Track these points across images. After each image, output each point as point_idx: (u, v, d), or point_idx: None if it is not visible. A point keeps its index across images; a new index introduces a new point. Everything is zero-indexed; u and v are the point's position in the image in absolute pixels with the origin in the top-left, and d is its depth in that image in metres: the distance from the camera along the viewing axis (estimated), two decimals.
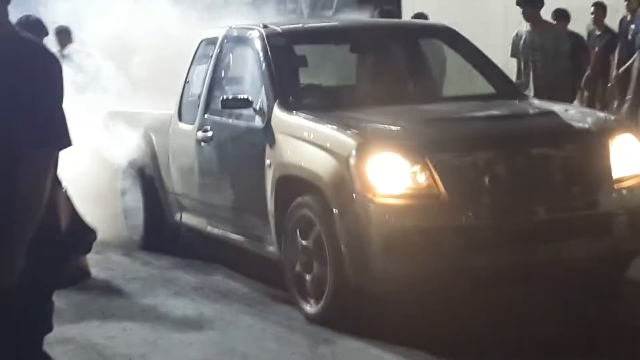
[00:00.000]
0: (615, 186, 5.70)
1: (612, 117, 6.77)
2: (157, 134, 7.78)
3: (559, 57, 9.28)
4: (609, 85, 11.48)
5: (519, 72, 9.19)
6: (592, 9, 11.64)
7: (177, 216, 7.60)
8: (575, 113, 6.41)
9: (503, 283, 5.79)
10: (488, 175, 5.48)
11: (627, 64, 11.09)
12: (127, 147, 8.03)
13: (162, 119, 7.75)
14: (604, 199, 5.67)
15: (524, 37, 9.38)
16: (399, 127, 5.76)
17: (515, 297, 5.92)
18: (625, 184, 5.75)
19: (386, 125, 5.82)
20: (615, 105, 11.37)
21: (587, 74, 11.66)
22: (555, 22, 11.62)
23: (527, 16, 9.46)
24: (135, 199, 8.04)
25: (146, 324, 5.76)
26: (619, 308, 5.88)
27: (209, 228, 7.16)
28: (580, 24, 11.81)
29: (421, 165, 5.42)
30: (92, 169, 7.90)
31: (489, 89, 6.93)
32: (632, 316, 5.77)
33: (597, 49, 11.66)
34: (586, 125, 5.93)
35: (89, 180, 7.51)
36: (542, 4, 9.62)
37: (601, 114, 6.86)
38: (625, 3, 11.17)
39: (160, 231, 7.80)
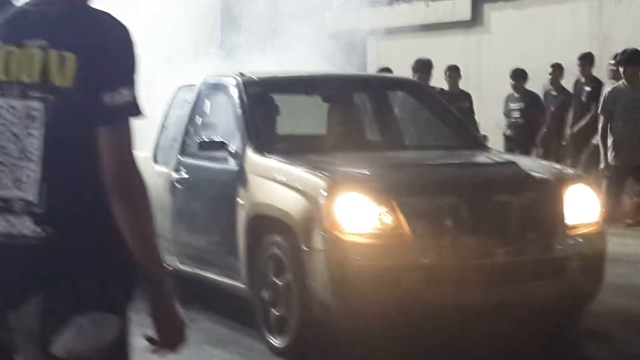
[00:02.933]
0: (569, 232, 5.94)
1: (568, 169, 7.04)
2: None
3: None
4: (563, 143, 11.83)
5: (605, 129, 9.21)
6: (550, 69, 11.99)
7: None
8: (533, 164, 6.68)
9: (464, 321, 5.97)
10: (451, 219, 5.69)
11: (581, 124, 11.46)
12: None
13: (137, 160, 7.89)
14: (558, 244, 5.90)
15: (621, 94, 9.29)
16: (367, 171, 5.97)
17: (474, 335, 6.12)
18: (579, 231, 6.00)
19: (355, 169, 6.03)
20: (569, 163, 11.71)
21: (542, 132, 12.00)
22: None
23: (628, 75, 9.43)
24: None
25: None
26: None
27: (179, 265, 7.30)
28: (538, 83, 12.19)
29: (388, 206, 5.62)
30: None
31: (452, 139, 7.19)
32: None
33: (552, 108, 12.00)
34: (543, 175, 6.18)
35: None
36: None
37: (558, 166, 7.14)
38: (579, 67, 11.56)
39: None
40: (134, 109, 2.51)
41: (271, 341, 5.99)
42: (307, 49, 12.73)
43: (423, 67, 10.87)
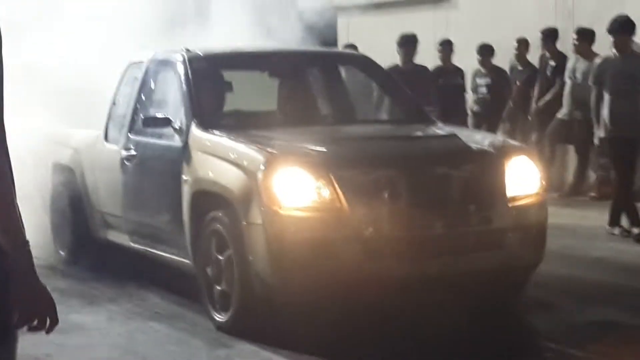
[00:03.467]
0: (509, 204, 5.93)
1: (510, 140, 7.04)
2: (84, 152, 7.92)
3: None
4: (529, 118, 11.82)
5: (597, 101, 8.68)
6: (515, 44, 11.97)
7: (103, 233, 7.73)
8: (475, 136, 6.66)
9: (403, 293, 5.98)
10: (388, 192, 5.67)
11: (546, 99, 11.45)
12: (56, 164, 8.18)
13: (89, 138, 7.89)
14: (498, 216, 5.89)
15: (611, 66, 8.75)
16: (306, 145, 5.95)
17: (411, 306, 6.15)
18: (519, 202, 5.98)
19: (294, 143, 6.01)
20: (534, 137, 11.71)
21: (508, 106, 11.99)
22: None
23: (618, 45, 8.74)
24: (63, 216, 8.16)
25: (56, 329, 5.84)
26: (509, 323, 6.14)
27: (130, 243, 7.29)
28: (505, 58, 12.17)
29: (325, 180, 5.61)
30: (22, 185, 7.99)
31: (400, 114, 7.18)
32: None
33: (518, 83, 11.99)
34: (484, 147, 6.16)
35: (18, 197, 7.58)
36: (633, 32, 8.93)
37: (500, 137, 7.13)
38: (543, 41, 11.54)
39: (86, 247, 7.90)
40: None
41: (215, 317, 5.99)
42: (277, 27, 12.70)
43: (407, 41, 10.81)
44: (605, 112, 8.59)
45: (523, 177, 6.05)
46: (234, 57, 7.42)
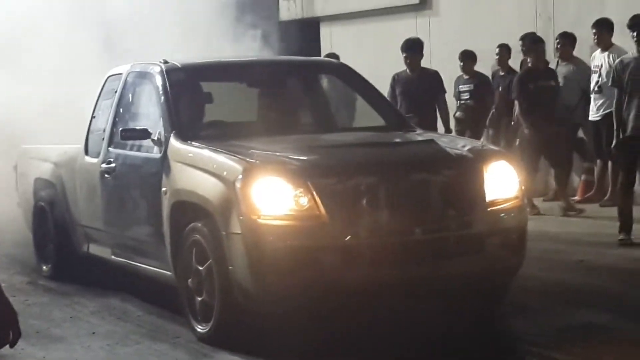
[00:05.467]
0: (489, 208, 5.94)
1: (488, 146, 7.05)
2: (65, 167, 7.91)
3: None
4: (512, 123, 11.84)
5: (620, 102, 8.41)
6: (497, 50, 11.99)
7: (85, 247, 7.71)
8: (454, 142, 6.66)
9: (384, 300, 5.97)
10: (367, 199, 5.67)
11: None
12: (38, 179, 8.19)
13: (70, 153, 7.88)
14: (478, 220, 5.89)
15: (630, 64, 8.46)
16: (284, 154, 5.95)
17: (392, 314, 6.16)
18: (498, 207, 5.99)
19: (272, 152, 6.01)
20: (517, 142, 11.73)
21: (491, 112, 12.00)
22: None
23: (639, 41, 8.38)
24: (45, 231, 8.15)
25: (38, 343, 5.89)
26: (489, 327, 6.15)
27: (112, 257, 7.28)
28: (487, 64, 12.20)
29: (303, 188, 5.61)
30: (5, 202, 8.04)
31: (380, 121, 7.18)
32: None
33: (500, 88, 12.00)
34: (463, 153, 6.17)
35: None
36: None
37: (478, 143, 7.14)
38: (522, 47, 11.58)
39: (69, 262, 7.88)
40: None
41: (196, 328, 5.98)
42: (261, 38, 12.73)
43: (412, 46, 10.51)
44: (629, 112, 8.43)
45: (502, 182, 6.06)
46: (212, 68, 7.42)
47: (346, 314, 5.92)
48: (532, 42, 10.52)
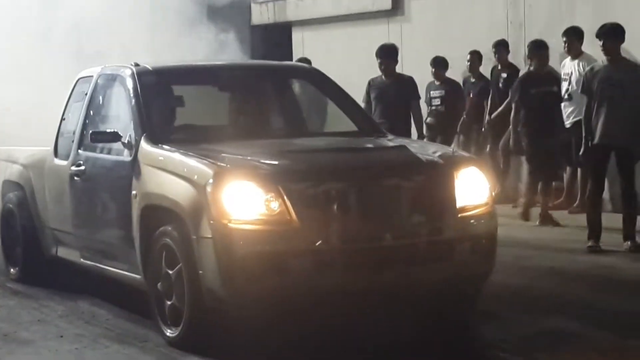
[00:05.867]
0: (459, 215, 5.95)
1: (459, 152, 7.07)
2: (34, 169, 7.85)
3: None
4: (483, 129, 11.90)
5: (589, 110, 8.50)
6: (468, 56, 12.03)
7: (54, 250, 7.66)
8: (425, 147, 6.68)
9: (354, 306, 5.97)
10: (338, 204, 5.66)
11: (499, 110, 11.51)
12: (5, 181, 8.13)
13: (39, 155, 7.82)
14: (448, 226, 5.90)
15: (600, 72, 8.56)
16: (255, 158, 5.94)
17: (361, 319, 6.15)
18: (469, 213, 6.00)
19: (243, 156, 5.99)
20: (488, 149, 11.79)
21: (462, 118, 12.05)
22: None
23: (607, 50, 8.53)
24: (13, 233, 8.08)
25: (5, 346, 5.85)
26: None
27: (81, 260, 7.23)
28: (458, 71, 12.24)
29: (274, 193, 5.59)
30: None
31: (352, 126, 7.18)
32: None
33: (471, 95, 12.06)
34: (434, 159, 6.18)
35: None
36: (623, 39, 8.69)
37: (449, 149, 7.16)
38: (495, 54, 11.63)
39: (37, 265, 7.82)
40: None
41: (165, 332, 5.96)
42: (233, 42, 12.69)
43: (387, 51, 10.32)
44: (598, 119, 8.44)
45: (472, 188, 6.07)
46: (184, 71, 7.39)
47: (315, 319, 5.90)
48: (536, 47, 10.40)
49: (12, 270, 8.05)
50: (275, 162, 5.85)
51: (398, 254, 5.77)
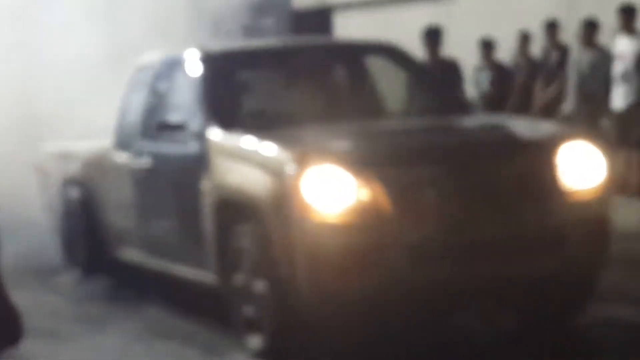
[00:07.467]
0: (567, 198, 4.88)
1: (564, 126, 5.95)
2: (94, 165, 6.87)
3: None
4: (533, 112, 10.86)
5: None
6: (517, 39, 10.97)
7: (117, 249, 6.66)
8: (523, 124, 5.60)
9: (452, 304, 4.95)
10: (435, 190, 4.65)
11: (549, 92, 10.47)
12: (66, 181, 7.18)
13: (99, 149, 6.83)
14: (555, 212, 4.84)
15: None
16: (340, 141, 4.93)
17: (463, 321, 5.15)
18: (577, 195, 4.93)
19: (327, 140, 4.98)
20: None
21: (511, 101, 11.01)
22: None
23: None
24: (75, 233, 7.10)
25: (51, 342, 5.26)
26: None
27: (146, 259, 6.22)
28: (506, 52, 11.18)
29: (365, 179, 4.57)
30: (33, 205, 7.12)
31: (435, 103, 6.12)
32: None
33: (521, 77, 11.00)
34: (536, 135, 5.13)
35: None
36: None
37: (551, 124, 6.05)
38: (546, 34, 10.60)
39: (100, 264, 6.85)
40: None
41: (249, 343, 4.94)
42: (275, 28, 11.80)
43: (432, 34, 9.29)
44: None
45: (583, 166, 4.94)
46: (251, 54, 6.33)
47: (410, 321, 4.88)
48: None
49: (73, 270, 7.06)
50: (364, 145, 4.83)
51: (500, 245, 4.73)
